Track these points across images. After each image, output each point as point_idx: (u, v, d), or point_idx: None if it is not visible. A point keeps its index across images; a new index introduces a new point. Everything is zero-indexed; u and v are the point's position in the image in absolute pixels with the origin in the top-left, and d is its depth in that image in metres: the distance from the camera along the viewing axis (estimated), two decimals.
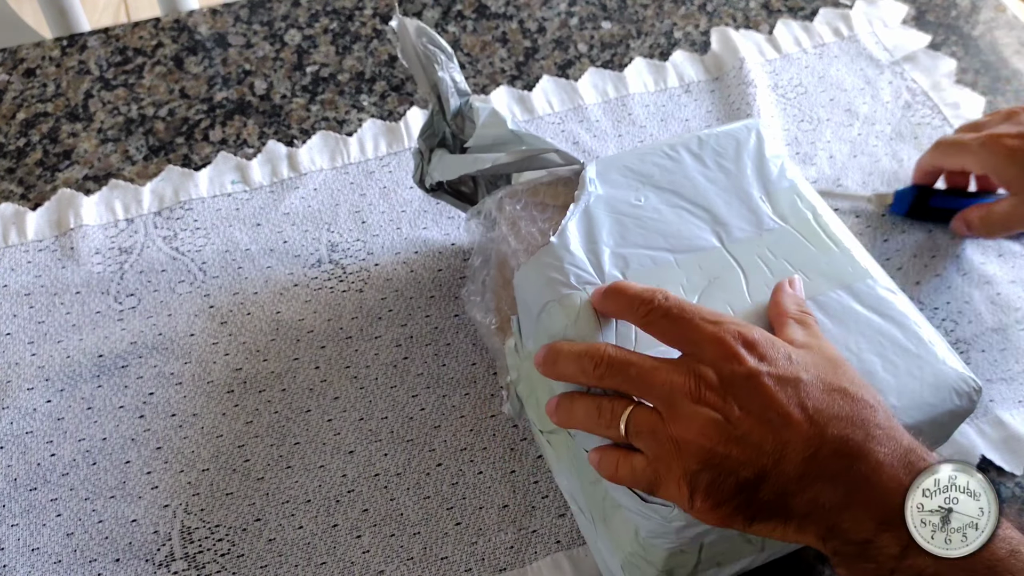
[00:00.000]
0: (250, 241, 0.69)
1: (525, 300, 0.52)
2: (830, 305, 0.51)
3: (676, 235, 0.53)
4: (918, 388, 0.48)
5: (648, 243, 0.52)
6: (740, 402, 0.41)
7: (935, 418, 0.48)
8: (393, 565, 0.57)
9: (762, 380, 0.42)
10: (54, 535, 0.57)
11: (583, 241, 0.52)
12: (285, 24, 0.83)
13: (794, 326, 0.47)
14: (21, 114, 0.76)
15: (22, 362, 0.63)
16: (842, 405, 0.41)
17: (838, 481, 0.40)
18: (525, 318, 0.52)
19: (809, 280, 0.51)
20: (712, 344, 0.43)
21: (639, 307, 0.45)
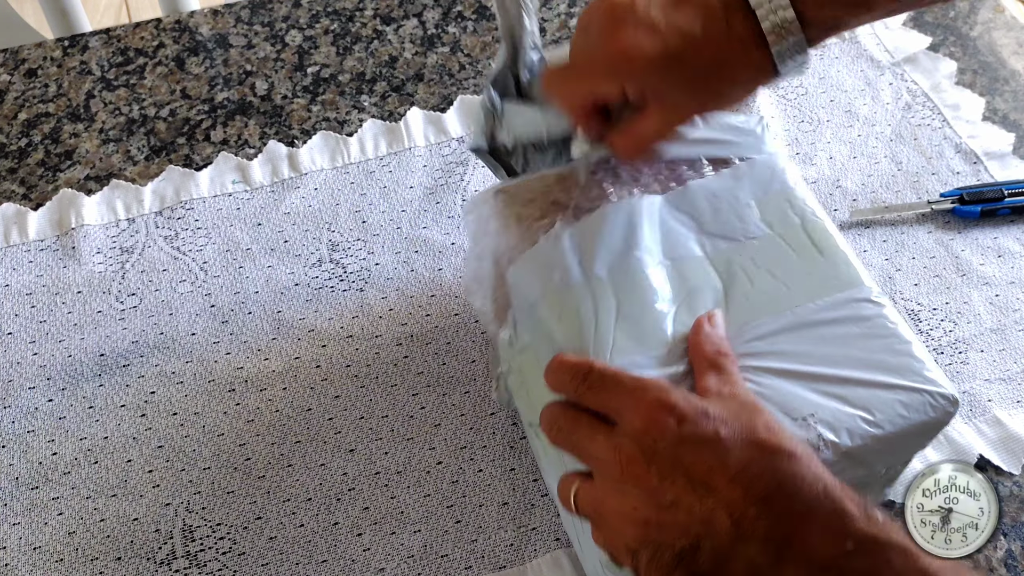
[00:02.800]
0: (251, 241, 0.69)
1: (519, 296, 0.53)
2: (807, 317, 0.50)
3: (663, 239, 0.53)
4: (890, 400, 0.48)
5: (635, 246, 0.52)
6: (663, 472, 0.41)
7: (907, 430, 0.48)
8: (393, 563, 0.57)
9: (682, 447, 0.42)
10: (56, 534, 0.57)
11: (573, 240, 0.52)
12: (286, 25, 0.83)
13: (709, 373, 0.46)
14: (23, 114, 0.76)
15: (24, 361, 0.63)
16: (762, 461, 0.41)
17: (769, 540, 0.40)
18: (520, 313, 0.53)
19: (789, 291, 0.51)
20: (633, 414, 0.43)
21: (571, 381, 0.46)
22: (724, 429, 0.42)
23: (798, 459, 0.41)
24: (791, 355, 0.49)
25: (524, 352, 0.53)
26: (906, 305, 0.68)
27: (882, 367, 0.48)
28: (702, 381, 0.46)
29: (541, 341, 0.51)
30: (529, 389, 0.53)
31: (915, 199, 0.74)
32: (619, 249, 0.52)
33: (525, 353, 0.53)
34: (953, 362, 0.66)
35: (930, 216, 0.73)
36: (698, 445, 0.41)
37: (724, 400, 0.44)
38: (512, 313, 0.54)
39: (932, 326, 0.67)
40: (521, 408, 0.57)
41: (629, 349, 0.48)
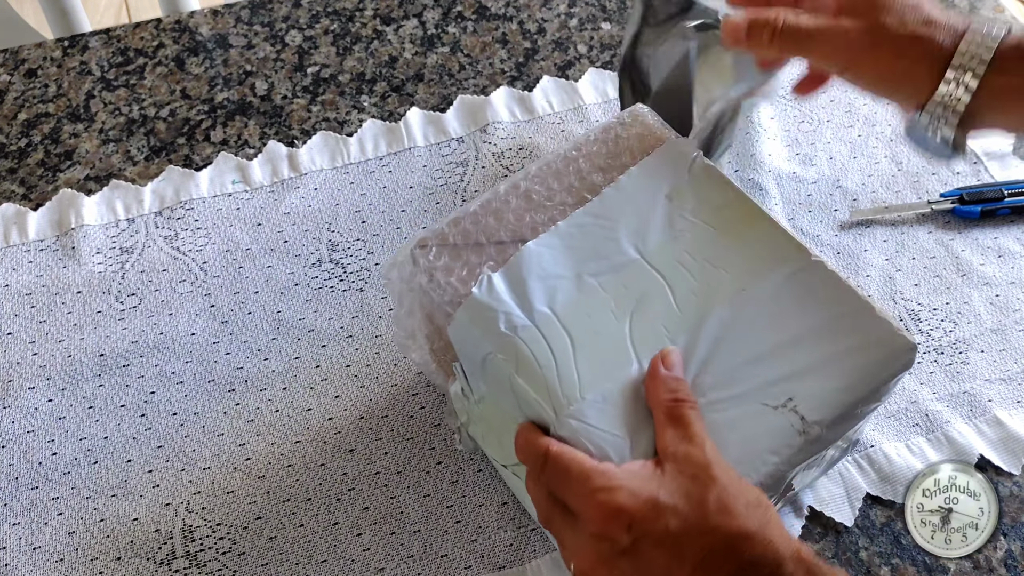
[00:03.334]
0: (251, 241, 0.69)
1: (464, 350, 0.51)
2: (758, 298, 0.50)
3: (594, 254, 0.51)
4: (859, 364, 0.48)
5: (569, 269, 0.51)
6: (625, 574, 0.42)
7: (877, 386, 0.49)
8: (393, 563, 0.57)
9: (637, 553, 0.42)
10: (56, 534, 0.57)
11: (505, 282, 0.50)
12: (286, 25, 0.83)
13: (667, 427, 0.45)
14: (23, 114, 0.76)
15: (24, 361, 0.63)
16: (718, 550, 0.41)
17: None
18: (468, 365, 0.51)
19: (731, 276, 0.50)
20: (587, 518, 0.43)
21: (534, 466, 0.46)
22: (675, 521, 0.42)
23: (753, 541, 0.41)
24: (754, 341, 0.49)
25: (483, 403, 0.52)
26: (906, 305, 0.68)
27: (840, 330, 0.49)
28: (661, 437, 0.45)
29: (501, 392, 0.49)
30: (499, 436, 0.52)
31: (915, 199, 0.74)
32: (554, 278, 0.50)
33: (484, 404, 0.52)
34: (953, 362, 0.66)
35: (930, 216, 0.73)
36: (653, 546, 0.41)
37: (678, 469, 0.44)
38: (459, 366, 0.52)
39: (932, 326, 0.67)
40: (491, 453, 0.57)
41: (597, 380, 0.47)
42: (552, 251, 0.51)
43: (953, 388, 0.65)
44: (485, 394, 0.51)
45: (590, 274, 0.50)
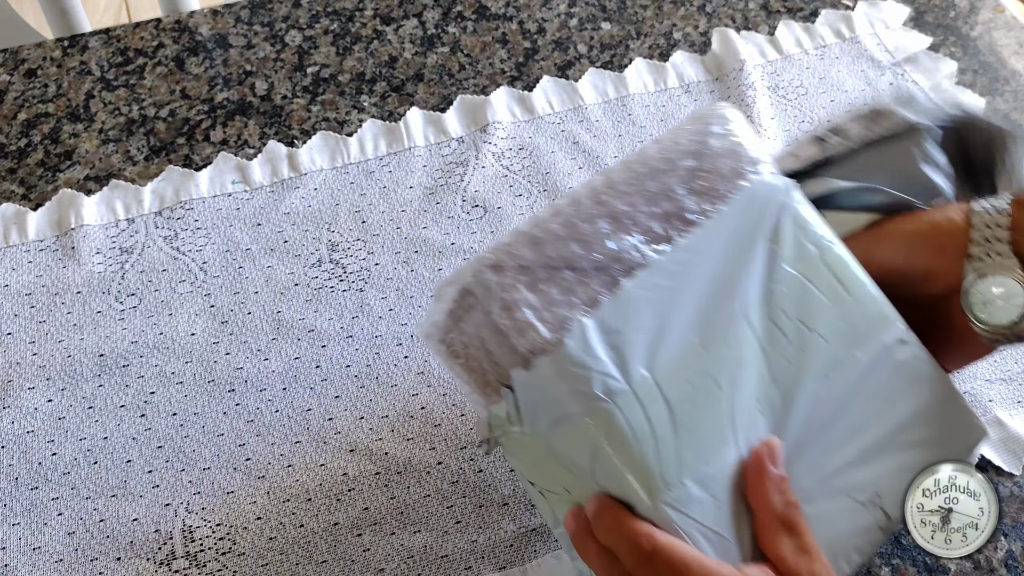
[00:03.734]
0: (251, 241, 0.69)
1: (538, 401, 0.44)
2: (850, 374, 0.46)
3: (694, 304, 0.44)
4: (933, 454, 0.47)
5: (668, 320, 0.44)
6: None
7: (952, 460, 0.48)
8: (394, 563, 0.57)
9: None
10: (55, 534, 0.57)
11: (601, 334, 0.43)
12: (286, 25, 0.83)
13: (781, 535, 0.43)
14: (22, 114, 0.76)
15: (23, 361, 0.63)
16: None
17: None
18: (536, 411, 0.45)
19: (827, 344, 0.45)
20: None
21: (628, 553, 0.42)
22: None
23: None
24: (845, 426, 0.45)
25: (534, 438, 0.46)
26: None
27: (927, 420, 0.47)
28: (773, 545, 0.42)
29: (573, 449, 0.44)
30: (541, 465, 0.47)
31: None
32: (653, 332, 0.43)
33: (535, 439, 0.46)
34: None
35: None
36: None
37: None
38: (514, 396, 0.45)
39: None
40: (521, 468, 0.50)
41: (697, 463, 0.42)
42: (650, 296, 0.44)
43: None
44: (545, 435, 0.45)
45: (691, 329, 0.44)
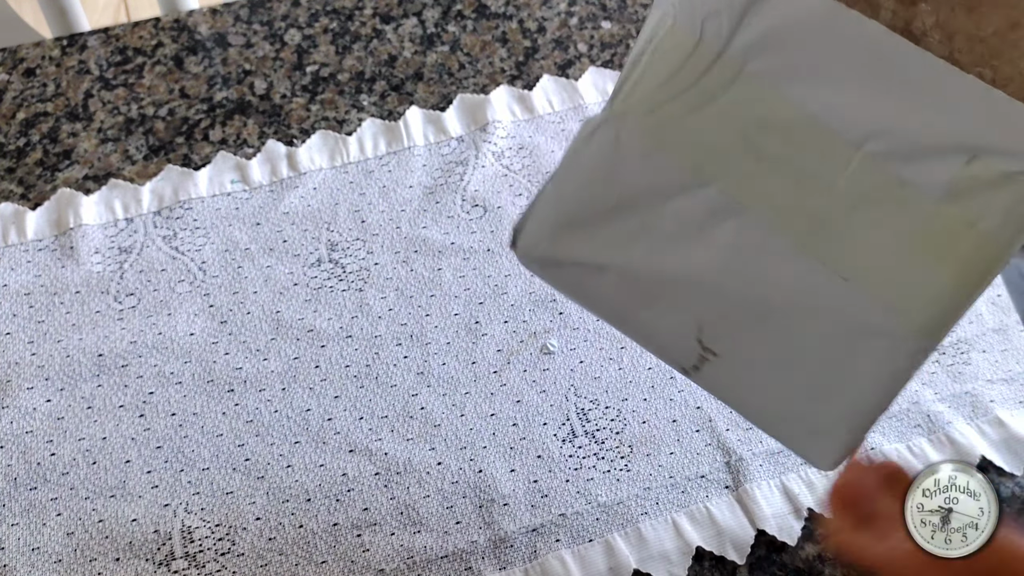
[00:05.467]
0: (250, 240, 0.69)
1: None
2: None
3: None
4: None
5: None
6: None
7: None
8: (393, 563, 0.57)
9: None
10: (54, 534, 0.57)
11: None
12: (285, 24, 0.83)
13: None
14: (21, 114, 0.76)
15: (22, 361, 0.63)
16: None
17: None
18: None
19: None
20: None
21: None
22: None
23: None
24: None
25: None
26: None
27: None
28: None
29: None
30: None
31: None
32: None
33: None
34: (955, 362, 0.66)
35: None
36: None
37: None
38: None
39: None
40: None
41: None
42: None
43: (955, 388, 0.64)
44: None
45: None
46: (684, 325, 0.43)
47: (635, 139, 0.42)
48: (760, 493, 0.60)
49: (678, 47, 0.41)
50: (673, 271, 0.43)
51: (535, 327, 0.66)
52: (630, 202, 0.43)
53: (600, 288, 0.45)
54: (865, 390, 0.42)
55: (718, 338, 0.43)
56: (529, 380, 0.64)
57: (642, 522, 0.59)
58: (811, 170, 0.41)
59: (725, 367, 0.43)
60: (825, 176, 0.40)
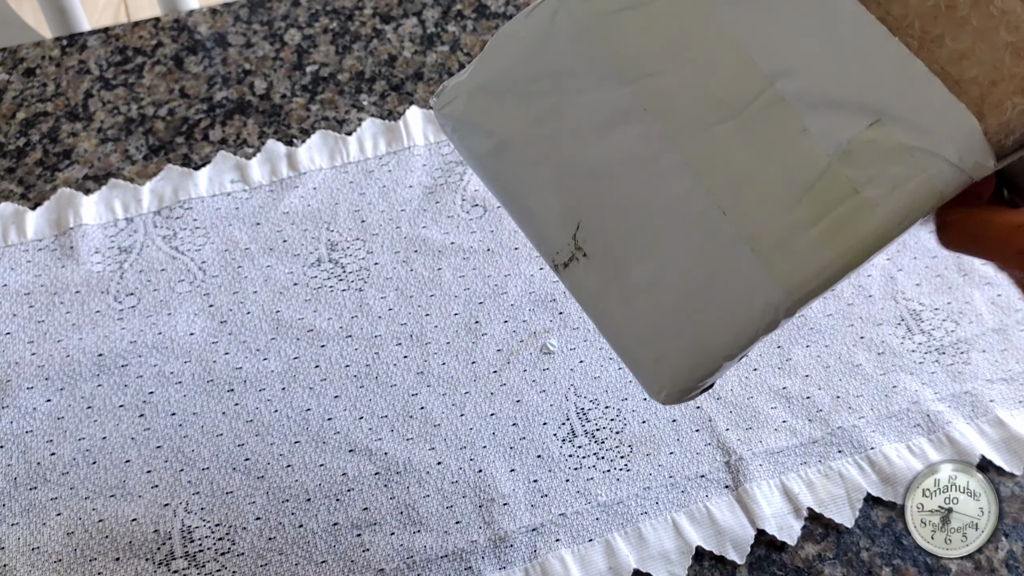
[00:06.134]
0: (250, 240, 0.69)
1: None
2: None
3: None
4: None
5: None
6: None
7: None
8: (393, 563, 0.57)
9: None
10: (54, 534, 0.57)
11: None
12: (285, 24, 0.83)
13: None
14: (21, 114, 0.76)
15: (22, 361, 0.63)
16: None
17: None
18: None
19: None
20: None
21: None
22: None
23: None
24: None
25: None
26: (908, 305, 0.68)
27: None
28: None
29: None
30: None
31: None
32: None
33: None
34: (955, 362, 0.66)
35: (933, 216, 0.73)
36: None
37: None
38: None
39: (934, 326, 0.67)
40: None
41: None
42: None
43: (955, 388, 0.64)
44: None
45: None
46: (564, 217, 0.43)
47: (569, 21, 0.43)
48: (760, 493, 0.60)
49: None
50: (568, 160, 0.43)
51: (535, 327, 0.66)
52: (548, 82, 0.43)
53: (498, 161, 0.45)
54: (715, 330, 0.41)
55: (591, 239, 0.42)
56: (529, 380, 0.64)
57: (642, 522, 0.59)
58: (721, 95, 0.40)
59: (592, 271, 0.42)
60: (733, 104, 0.40)
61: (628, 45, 0.42)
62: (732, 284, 0.40)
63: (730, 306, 0.40)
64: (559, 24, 0.43)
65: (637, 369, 0.43)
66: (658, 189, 0.41)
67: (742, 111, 0.40)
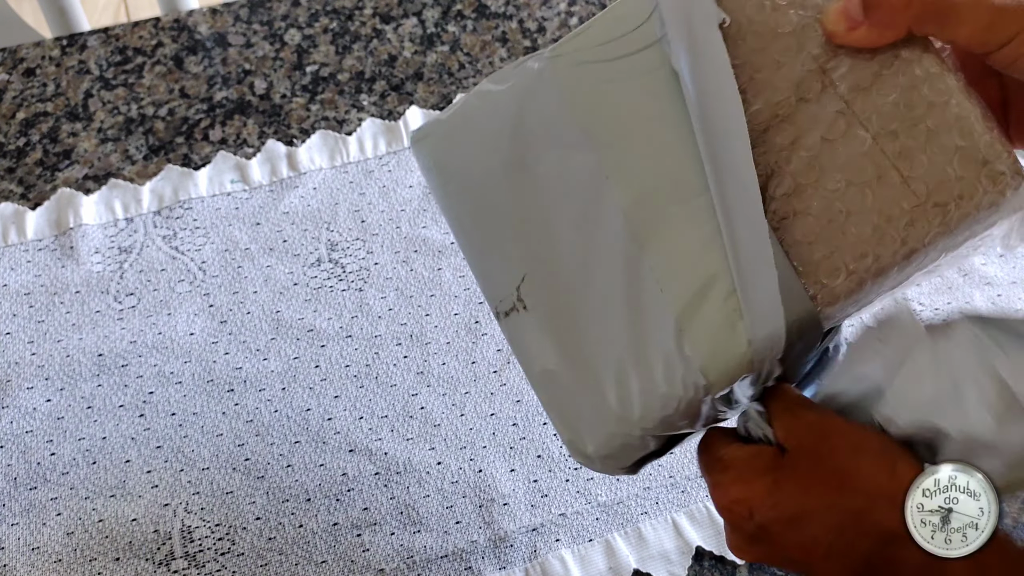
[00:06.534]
0: (249, 240, 0.69)
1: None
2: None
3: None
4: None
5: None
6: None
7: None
8: (393, 563, 0.57)
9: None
10: (54, 534, 0.57)
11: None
12: (285, 24, 0.83)
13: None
14: (21, 114, 0.76)
15: (22, 361, 0.63)
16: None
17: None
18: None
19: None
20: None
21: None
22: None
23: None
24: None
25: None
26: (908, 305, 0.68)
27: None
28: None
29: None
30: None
31: None
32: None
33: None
34: None
35: None
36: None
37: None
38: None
39: None
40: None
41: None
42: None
43: None
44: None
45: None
46: (512, 268, 0.44)
47: (554, 80, 0.44)
48: None
49: (625, 18, 0.43)
50: (526, 212, 0.44)
51: None
52: (521, 134, 0.44)
53: (460, 202, 0.46)
54: (636, 399, 0.41)
55: (534, 293, 0.43)
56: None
57: (642, 522, 0.59)
58: (677, 181, 0.42)
59: (530, 325, 0.43)
60: (685, 194, 0.41)
61: (607, 115, 0.43)
62: (657, 358, 0.41)
63: (653, 379, 0.41)
64: (545, 81, 0.44)
65: (557, 426, 0.44)
66: (604, 255, 0.42)
67: (695, 198, 0.41)
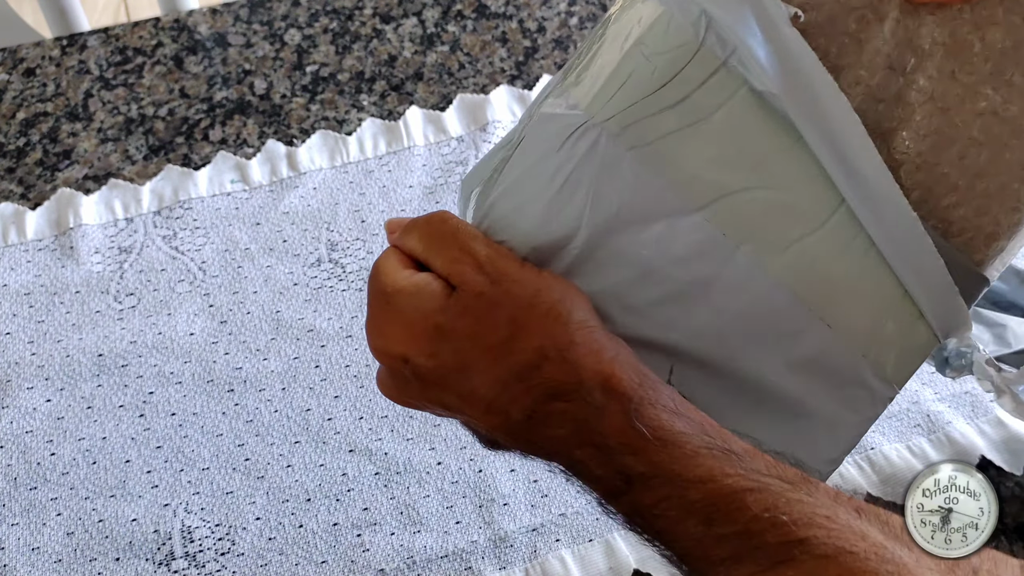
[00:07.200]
0: (250, 240, 0.69)
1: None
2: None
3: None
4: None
5: None
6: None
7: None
8: (393, 563, 0.57)
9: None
10: (54, 534, 0.57)
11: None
12: (285, 24, 0.83)
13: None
14: (21, 114, 0.76)
15: (22, 361, 0.63)
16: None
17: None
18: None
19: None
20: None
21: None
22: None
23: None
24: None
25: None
26: None
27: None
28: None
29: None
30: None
31: None
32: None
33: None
34: None
35: None
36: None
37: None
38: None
39: None
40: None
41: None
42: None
43: (955, 388, 0.64)
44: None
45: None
46: (657, 366, 0.40)
47: (617, 151, 0.38)
48: None
49: (673, 50, 0.37)
50: (649, 303, 0.39)
51: None
52: (603, 222, 0.39)
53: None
54: (838, 437, 0.42)
55: (686, 381, 0.40)
56: None
57: None
58: (802, 209, 0.38)
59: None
60: (816, 217, 0.38)
61: (690, 167, 0.38)
62: (848, 390, 0.40)
63: (853, 412, 0.41)
64: (604, 155, 0.38)
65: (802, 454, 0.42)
66: (754, 311, 0.39)
67: (826, 224, 0.38)
